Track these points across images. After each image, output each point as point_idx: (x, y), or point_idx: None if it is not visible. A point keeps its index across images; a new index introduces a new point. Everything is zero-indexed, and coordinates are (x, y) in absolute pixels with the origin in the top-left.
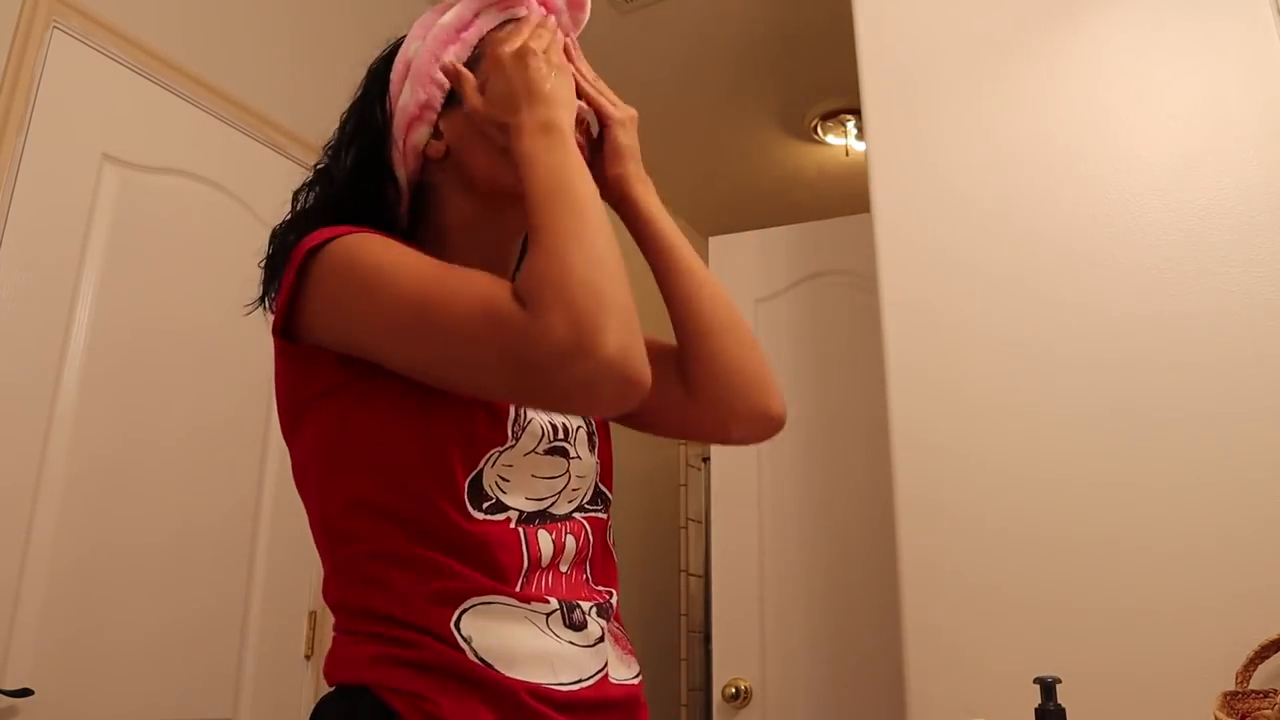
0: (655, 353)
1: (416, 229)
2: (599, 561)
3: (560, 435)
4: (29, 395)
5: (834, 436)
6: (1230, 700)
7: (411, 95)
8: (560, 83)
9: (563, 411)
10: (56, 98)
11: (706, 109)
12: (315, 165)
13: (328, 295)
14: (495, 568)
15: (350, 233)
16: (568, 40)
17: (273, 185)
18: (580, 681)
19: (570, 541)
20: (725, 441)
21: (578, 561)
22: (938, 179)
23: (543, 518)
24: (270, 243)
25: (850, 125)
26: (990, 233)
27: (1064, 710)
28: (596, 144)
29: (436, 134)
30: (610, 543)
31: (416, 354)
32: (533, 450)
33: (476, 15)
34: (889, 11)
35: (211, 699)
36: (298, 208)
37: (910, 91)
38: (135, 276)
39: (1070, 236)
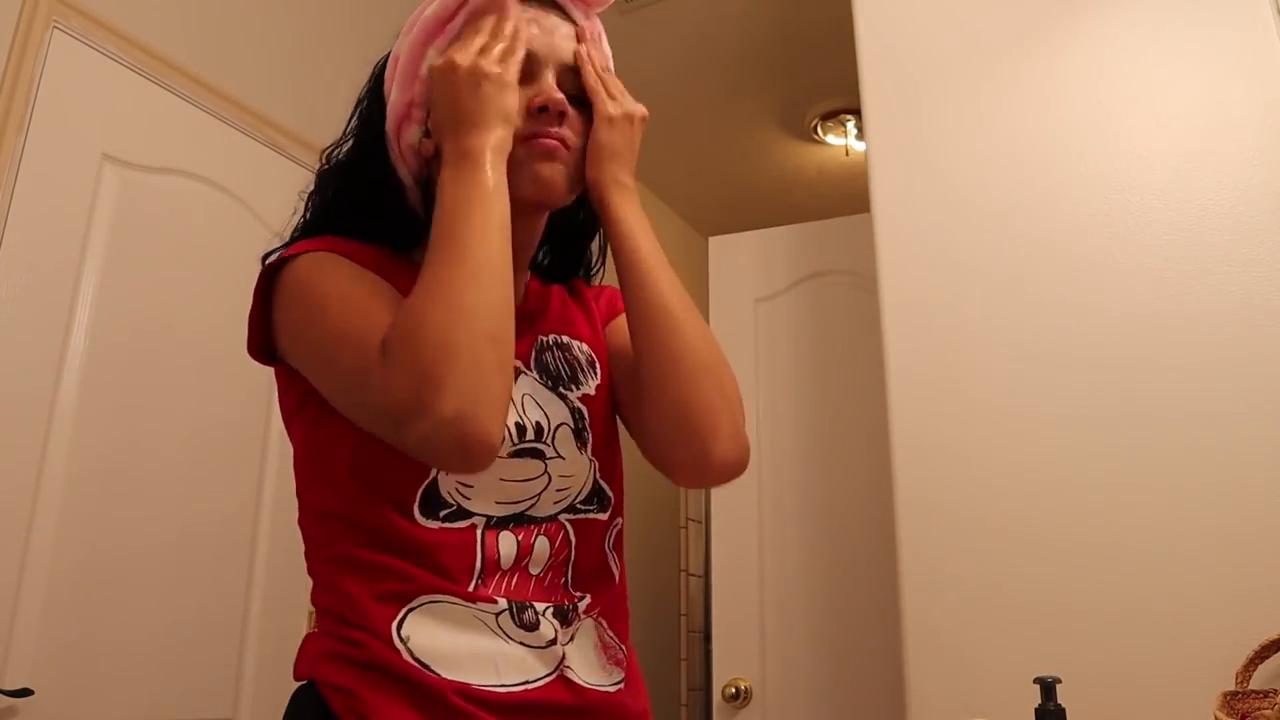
0: (623, 380)
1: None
2: (586, 566)
3: (531, 436)
4: (29, 395)
5: (834, 436)
6: (1230, 700)
7: (399, 94)
8: (488, 100)
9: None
10: (56, 98)
11: (706, 109)
12: (317, 170)
13: (283, 317)
14: (444, 570)
15: (314, 249)
16: (584, 35)
17: (273, 185)
18: (526, 683)
19: (542, 544)
20: (670, 478)
21: (554, 565)
22: (938, 179)
23: (518, 520)
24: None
25: (850, 125)
26: (990, 233)
27: (1064, 710)
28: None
29: (428, 132)
30: (609, 546)
31: (320, 384)
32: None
33: (461, 4)
34: (889, 11)
35: (211, 699)
36: (299, 219)
37: (910, 91)
38: (135, 276)
39: (1070, 236)
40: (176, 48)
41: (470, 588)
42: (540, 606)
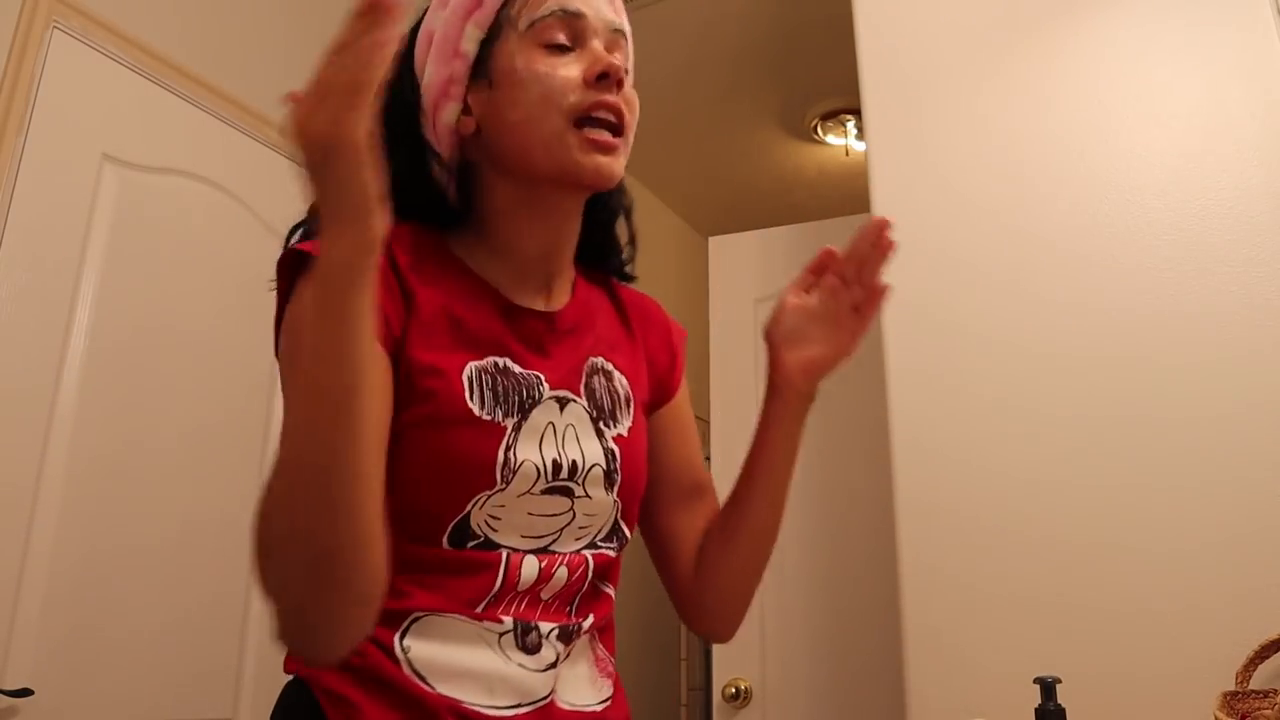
0: (693, 509)
1: (468, 212)
2: (589, 597)
3: (564, 475)
4: (29, 395)
5: (834, 437)
6: (1230, 700)
7: (435, 71)
8: (324, 173)
9: None
10: (56, 98)
11: (706, 109)
12: None
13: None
14: (454, 592)
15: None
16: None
17: (273, 185)
18: (519, 706)
19: (562, 573)
20: (686, 624)
21: (565, 594)
22: (938, 179)
23: (540, 553)
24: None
25: (850, 125)
26: (990, 233)
27: (1064, 710)
28: (825, 334)
29: (466, 109)
30: (608, 582)
31: None
32: (527, 491)
33: None
34: (889, 11)
35: (211, 699)
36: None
37: (910, 91)
38: (135, 276)
39: (1070, 236)
40: (176, 48)
41: (480, 609)
42: (545, 628)
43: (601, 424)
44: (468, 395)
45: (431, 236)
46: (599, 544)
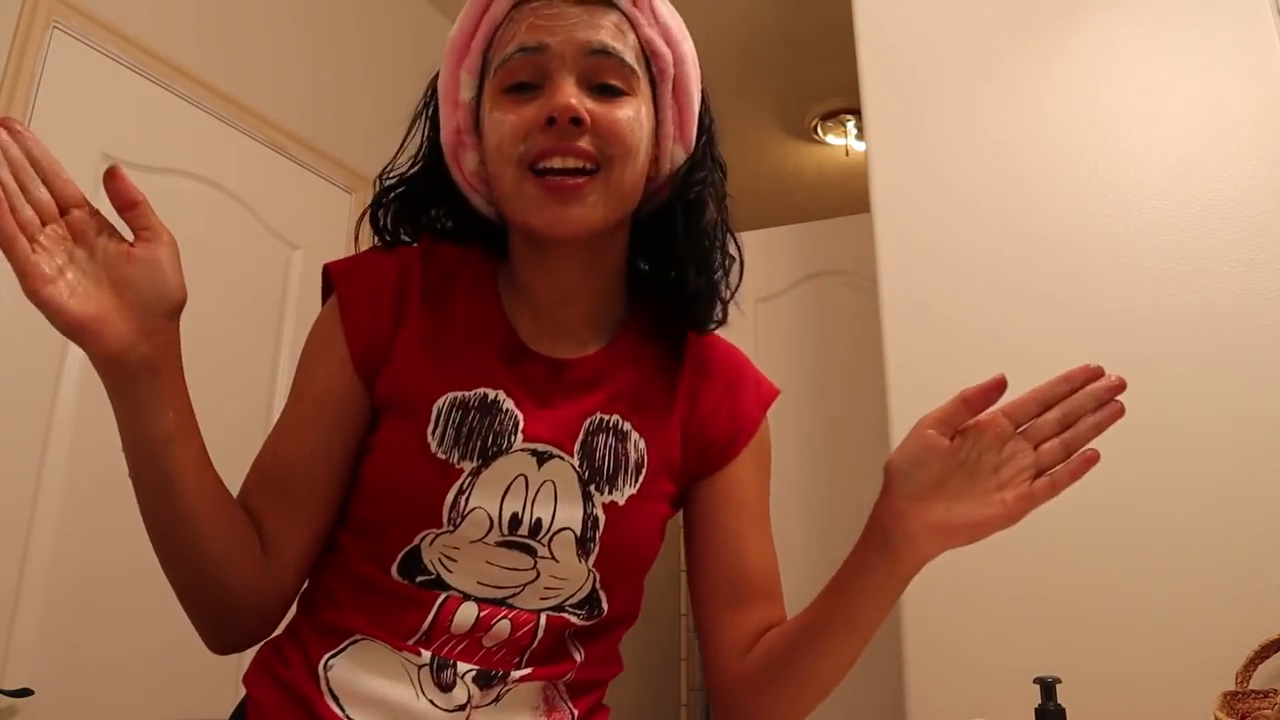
0: (747, 611)
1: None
2: (541, 652)
3: (523, 531)
4: (29, 396)
5: (834, 436)
6: (1230, 700)
7: (446, 124)
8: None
9: None
10: (56, 98)
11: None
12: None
13: None
14: (383, 620)
15: (336, 279)
16: None
17: (273, 185)
18: None
19: (503, 625)
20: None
21: (511, 646)
22: (938, 179)
23: (496, 604)
24: None
25: (850, 125)
26: (990, 232)
27: (1064, 710)
28: (961, 491)
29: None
30: (577, 647)
31: None
32: (480, 539)
33: (483, 13)
34: (889, 11)
35: (211, 699)
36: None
37: (910, 91)
38: None
39: (1070, 236)
40: (176, 48)
41: (412, 639)
42: (462, 668)
43: (592, 486)
44: (430, 429)
45: (487, 261)
46: (567, 609)
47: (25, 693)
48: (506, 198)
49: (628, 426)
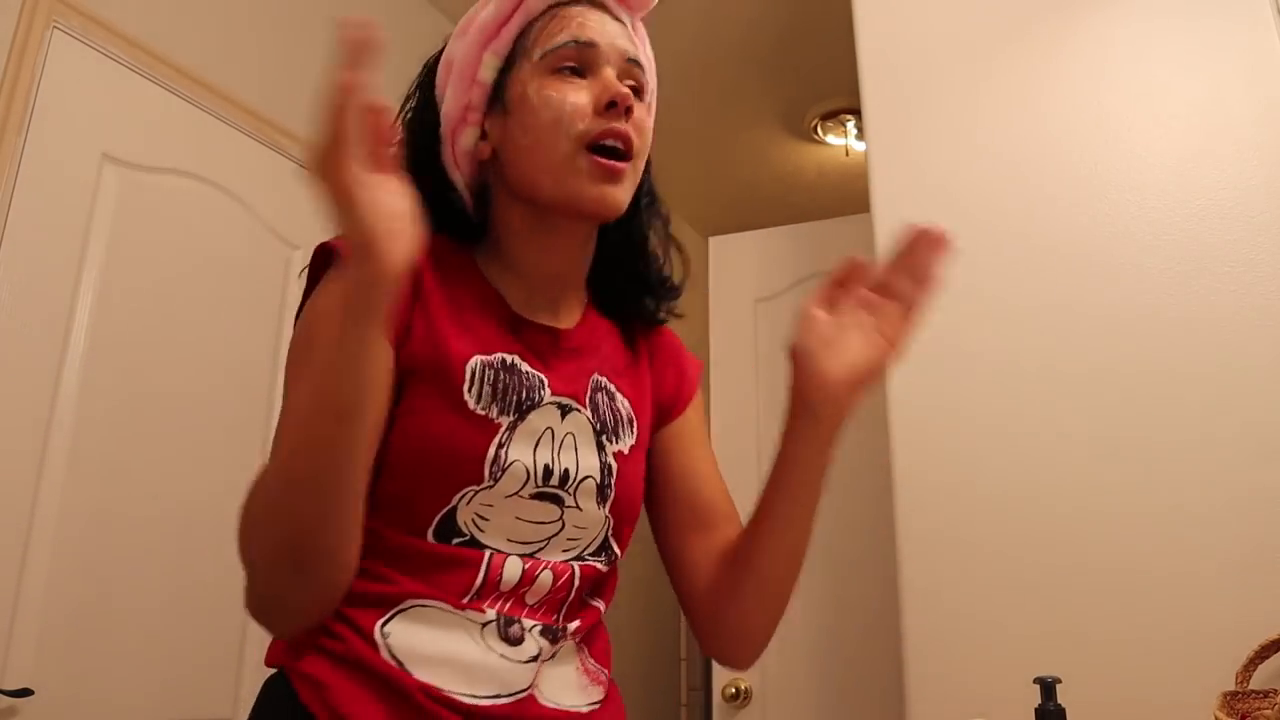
0: (710, 534)
1: (484, 230)
2: (576, 607)
3: (554, 481)
4: (29, 395)
5: None
6: (1230, 700)
7: (454, 98)
8: (349, 219)
9: None
10: (56, 98)
11: (706, 109)
12: None
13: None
14: (440, 583)
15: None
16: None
17: (273, 185)
18: (498, 697)
19: (546, 577)
20: (706, 652)
21: (551, 600)
22: (938, 179)
23: (525, 557)
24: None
25: (850, 125)
26: (990, 232)
27: (1064, 710)
28: (860, 348)
29: (484, 135)
30: (597, 596)
31: None
32: (515, 493)
33: (516, 6)
34: (889, 11)
35: (211, 699)
36: None
37: (910, 91)
38: (135, 276)
39: (1070, 236)
40: (176, 48)
41: (465, 598)
42: (529, 623)
43: (604, 437)
44: (466, 388)
45: (458, 248)
46: (586, 557)
47: (25, 693)
48: (551, 169)
49: (614, 387)
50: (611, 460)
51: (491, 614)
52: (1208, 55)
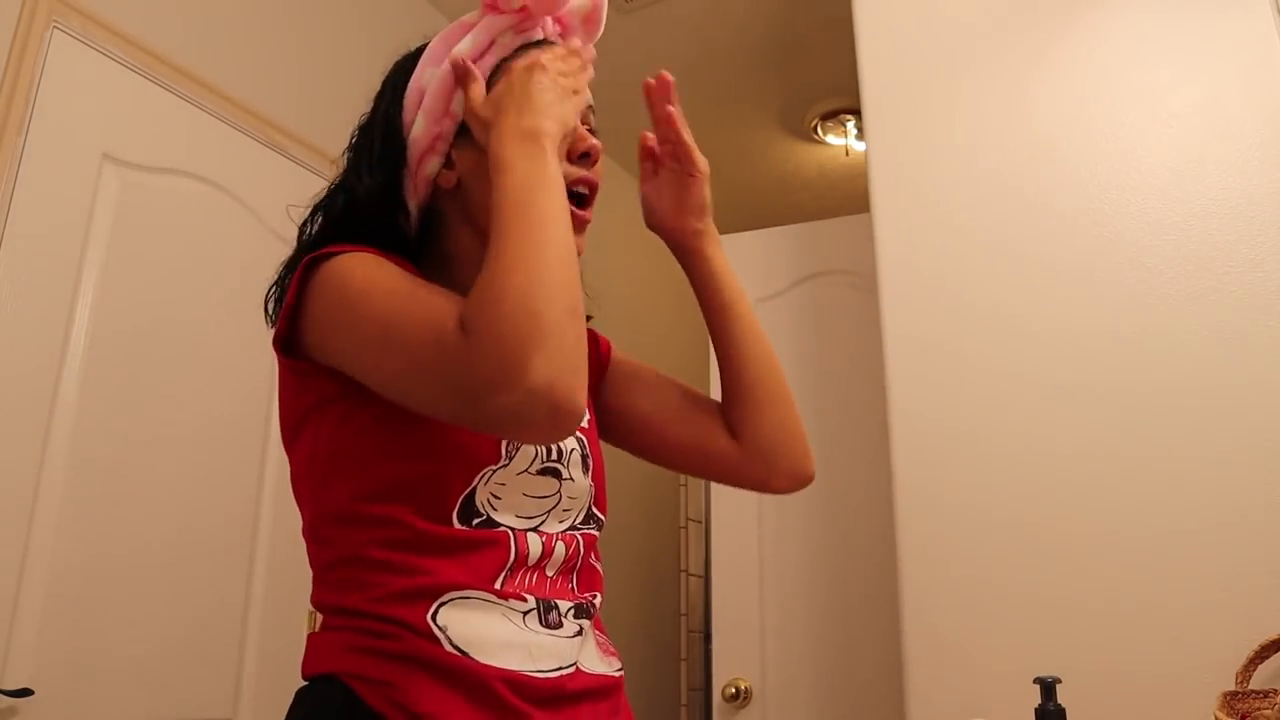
0: (699, 405)
1: (422, 253)
2: (585, 572)
3: (554, 456)
4: (29, 395)
5: (834, 436)
6: (1230, 700)
7: (424, 128)
8: (560, 101)
9: (500, 436)
10: (56, 98)
11: (706, 109)
12: (329, 186)
13: (319, 311)
14: (473, 568)
15: (351, 251)
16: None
17: (273, 185)
18: (560, 669)
19: (560, 548)
20: (765, 490)
21: (565, 569)
22: (938, 179)
23: (534, 531)
24: (283, 267)
25: (850, 125)
26: (990, 232)
27: (1064, 710)
28: (677, 190)
29: (449, 163)
30: (595, 558)
31: (377, 371)
32: (525, 470)
33: (492, 41)
34: (889, 11)
35: (211, 699)
36: (310, 231)
37: (910, 91)
38: (135, 276)
39: (1071, 236)
40: (176, 48)
41: (498, 584)
42: (564, 606)
43: None
44: None
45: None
46: (579, 526)
47: (25, 693)
48: None
49: None
50: (581, 435)
51: (531, 601)
52: (1208, 55)
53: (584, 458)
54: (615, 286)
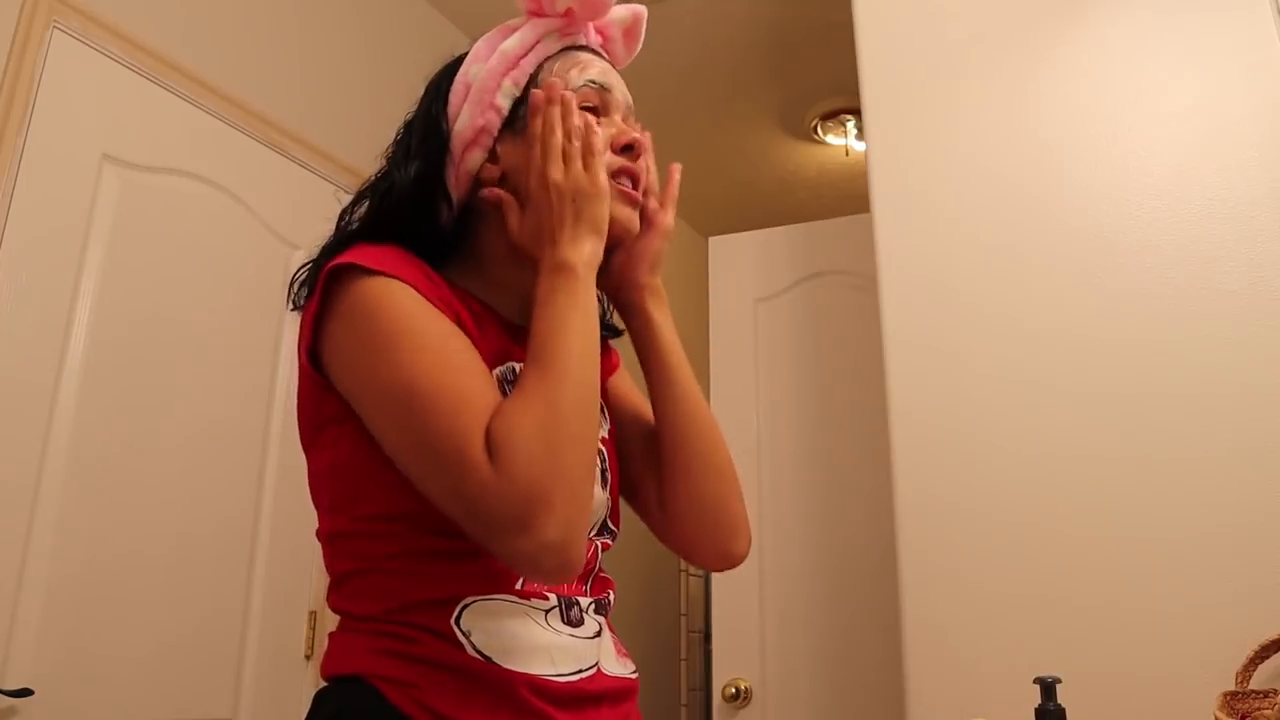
0: (652, 459)
1: (454, 250)
2: (599, 580)
3: None
4: (29, 395)
5: (834, 436)
6: (1230, 700)
7: (469, 119)
8: (584, 214)
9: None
10: (56, 98)
11: (706, 109)
12: (372, 178)
13: (339, 339)
14: (495, 571)
15: (382, 268)
16: (614, 127)
17: (273, 185)
18: (580, 672)
19: None
20: (691, 562)
21: (582, 574)
22: (938, 179)
23: None
24: (320, 251)
25: (850, 125)
26: (990, 232)
27: (1064, 710)
28: (633, 239)
29: (492, 157)
30: (603, 569)
31: (387, 439)
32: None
33: (537, 41)
34: (889, 11)
35: (211, 699)
36: (344, 223)
37: (910, 91)
38: (135, 277)
39: (1071, 236)
40: (177, 48)
41: (518, 584)
42: (584, 602)
43: None
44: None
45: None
46: (593, 537)
47: (25, 693)
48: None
49: None
50: (602, 447)
51: (553, 599)
52: (1208, 56)
53: (603, 472)
54: None
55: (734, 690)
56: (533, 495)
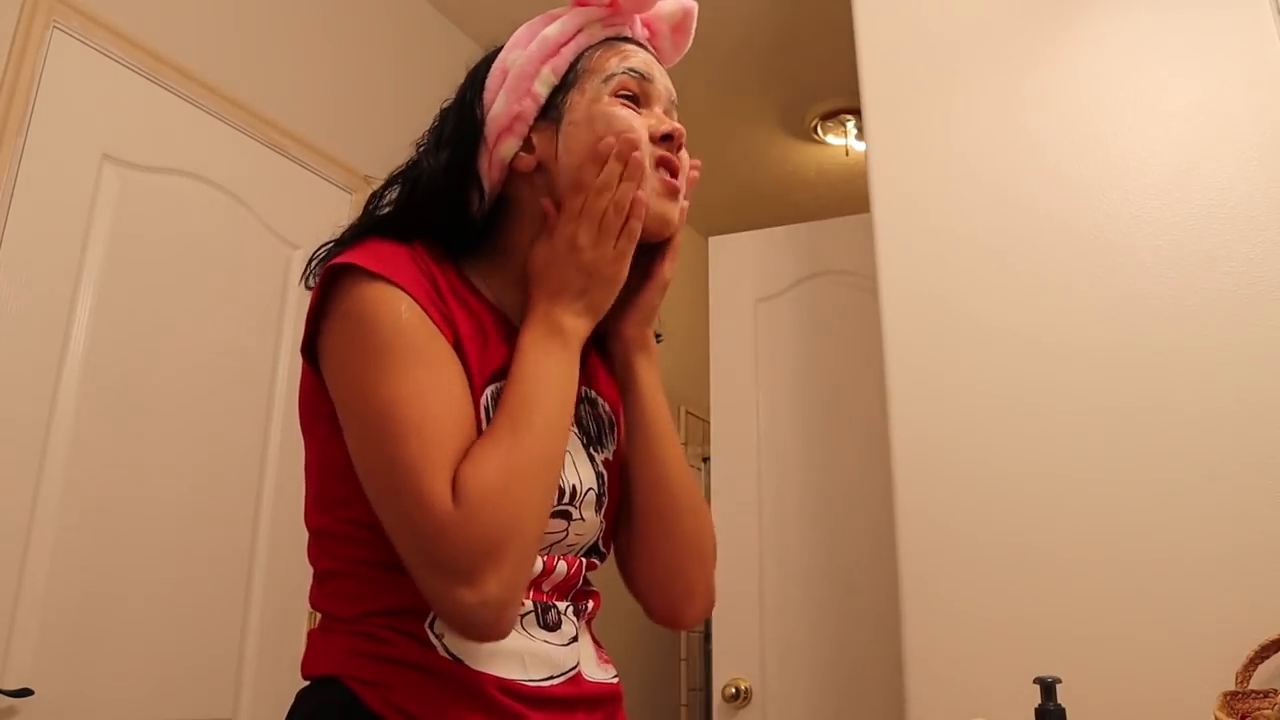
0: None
1: (482, 241)
2: (581, 593)
3: (566, 499)
4: (29, 395)
5: (834, 436)
6: (1230, 700)
7: (505, 105)
8: (597, 294)
9: (433, 612)
10: (56, 98)
11: (707, 109)
12: (407, 161)
13: (334, 344)
14: None
15: (385, 272)
16: (664, 154)
17: (273, 185)
18: (552, 678)
19: (562, 566)
20: (648, 615)
21: (563, 587)
22: (938, 179)
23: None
24: (345, 231)
25: (850, 125)
26: (990, 232)
27: (1064, 710)
28: (628, 289)
29: (527, 146)
30: (590, 584)
31: (356, 453)
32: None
33: (579, 30)
34: (889, 11)
35: (211, 699)
36: (371, 207)
37: (910, 91)
38: (135, 277)
39: (1071, 235)
40: (177, 48)
41: None
42: (562, 605)
43: (593, 448)
44: (483, 423)
45: (444, 257)
46: (582, 557)
47: (25, 693)
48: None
49: (595, 394)
50: (602, 469)
51: (529, 604)
52: (1208, 56)
53: (599, 496)
54: None
55: (734, 690)
56: (490, 544)
